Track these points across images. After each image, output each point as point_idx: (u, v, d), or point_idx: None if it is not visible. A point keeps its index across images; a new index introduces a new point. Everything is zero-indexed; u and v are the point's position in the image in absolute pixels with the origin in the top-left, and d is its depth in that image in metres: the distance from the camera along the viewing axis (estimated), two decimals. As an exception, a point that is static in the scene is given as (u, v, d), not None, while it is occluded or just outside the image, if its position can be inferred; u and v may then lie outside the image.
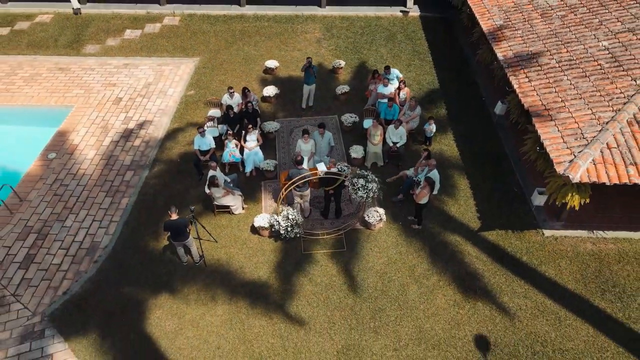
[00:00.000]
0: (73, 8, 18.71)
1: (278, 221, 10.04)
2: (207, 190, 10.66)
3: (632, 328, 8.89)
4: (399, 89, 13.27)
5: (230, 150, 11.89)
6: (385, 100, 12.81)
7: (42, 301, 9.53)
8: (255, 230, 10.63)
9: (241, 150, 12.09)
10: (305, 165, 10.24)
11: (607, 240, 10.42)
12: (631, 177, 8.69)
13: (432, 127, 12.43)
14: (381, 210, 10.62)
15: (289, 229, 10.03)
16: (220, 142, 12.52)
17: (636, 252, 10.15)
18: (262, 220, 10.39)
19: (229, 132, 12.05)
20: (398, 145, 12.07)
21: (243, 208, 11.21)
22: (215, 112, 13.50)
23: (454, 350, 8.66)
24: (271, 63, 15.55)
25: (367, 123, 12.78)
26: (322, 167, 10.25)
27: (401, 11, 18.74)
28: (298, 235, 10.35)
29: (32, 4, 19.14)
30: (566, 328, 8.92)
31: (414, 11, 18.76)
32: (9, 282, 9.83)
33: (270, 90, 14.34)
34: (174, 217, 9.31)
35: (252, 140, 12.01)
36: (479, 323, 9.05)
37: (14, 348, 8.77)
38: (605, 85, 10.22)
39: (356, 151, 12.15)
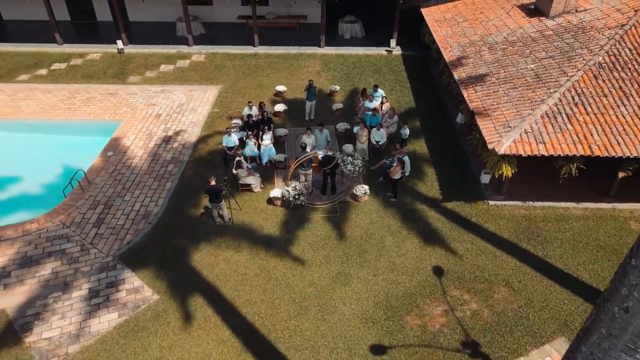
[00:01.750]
0: (118, 48, 22.90)
1: (288, 191, 13.48)
2: (234, 171, 14.15)
3: (547, 261, 12.10)
4: (381, 103, 17.04)
5: (250, 147, 15.45)
6: (371, 112, 16.54)
7: (112, 247, 12.77)
8: (270, 201, 14.03)
9: (258, 147, 15.66)
10: (308, 151, 13.78)
11: (536, 208, 13.80)
12: (540, 151, 12.23)
13: (406, 131, 16.04)
14: (366, 186, 14.07)
15: (296, 196, 13.45)
16: (241, 142, 16.09)
17: (557, 215, 13.49)
18: (275, 192, 13.82)
19: (249, 133, 15.67)
20: (380, 143, 15.70)
21: (261, 187, 14.64)
22: (237, 121, 17.21)
23: (418, 275, 11.83)
24: (280, 88, 19.48)
25: (356, 128, 16.40)
26: (321, 152, 13.80)
27: (386, 50, 22.95)
28: (303, 203, 13.74)
29: (84, 46, 23.37)
30: (500, 262, 12.13)
31: (397, 50, 22.97)
32: (87, 235, 13.10)
33: (280, 107, 18.14)
34: (213, 183, 12.75)
35: (267, 139, 15.62)
36: (437, 259, 12.27)
37: (94, 276, 11.95)
38: (528, 93, 13.96)
39: (348, 148, 15.72)
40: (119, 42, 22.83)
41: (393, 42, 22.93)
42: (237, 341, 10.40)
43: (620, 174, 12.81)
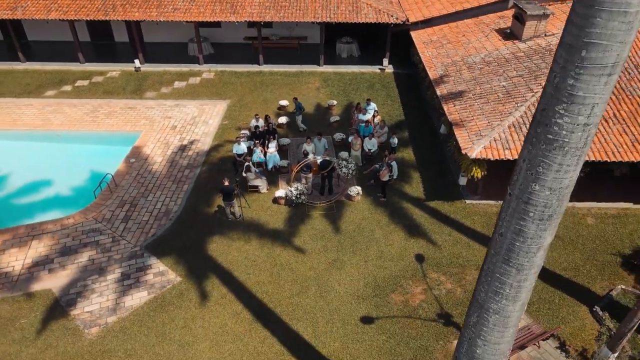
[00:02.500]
0: (135, 67, 25.18)
1: (291, 191, 15.55)
2: (243, 174, 16.24)
3: (514, 250, 14.11)
4: (374, 116, 19.22)
5: (257, 154, 17.55)
6: (364, 124, 18.70)
7: (139, 239, 14.79)
8: (275, 200, 16.09)
9: (264, 154, 17.75)
10: (309, 157, 15.90)
11: (506, 206, 15.84)
12: (506, 155, 14.33)
13: (395, 140, 18.15)
14: (359, 188, 16.15)
15: (298, 195, 15.51)
16: (249, 150, 18.18)
17: (524, 212, 15.54)
18: (280, 193, 15.89)
19: (256, 142, 17.80)
20: (371, 151, 17.83)
21: (267, 189, 16.70)
22: (245, 131, 19.37)
23: (402, 262, 13.84)
24: (283, 102, 21.68)
25: (351, 138, 18.52)
26: (319, 159, 15.91)
27: (379, 69, 25.24)
28: (304, 202, 15.79)
29: (104, 64, 25.64)
30: (472, 250, 14.14)
31: (389, 69, 25.26)
32: (116, 229, 15.13)
33: (283, 119, 20.32)
34: (226, 183, 14.81)
35: (272, 147, 17.75)
36: (419, 248, 14.29)
37: (125, 262, 13.95)
38: (499, 107, 16.12)
39: (343, 155, 17.79)
40: (136, 61, 25.10)
41: (385, 61, 25.22)
42: (248, 314, 12.38)
43: (575, 176, 14.89)
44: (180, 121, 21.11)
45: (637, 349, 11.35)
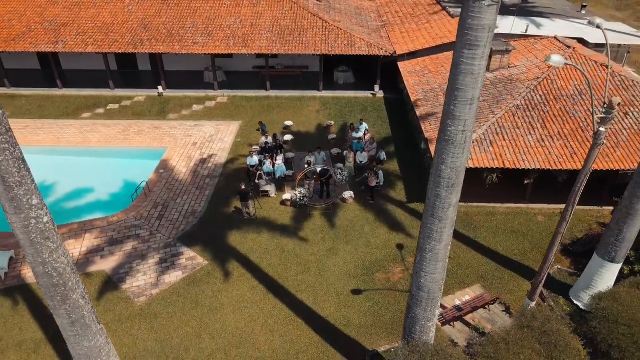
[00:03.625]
0: (158, 92, 28.90)
1: (296, 194, 18.98)
2: (256, 181, 19.68)
3: (476, 241, 17.45)
4: (365, 134, 22.78)
5: (267, 165, 21.02)
6: (356, 140, 22.24)
7: (172, 233, 18.13)
8: (282, 203, 19.49)
9: (273, 166, 21.22)
10: (312, 167, 19.41)
11: (472, 207, 19.24)
12: (469, 164, 17.76)
13: (382, 154, 21.65)
14: (352, 192, 19.59)
15: (301, 198, 18.93)
16: (260, 162, 21.65)
17: (486, 211, 18.94)
18: (286, 196, 19.32)
19: (266, 155, 21.29)
20: (362, 163, 21.33)
21: (275, 194, 20.12)
22: (256, 147, 22.90)
23: (386, 249, 17.16)
24: (288, 123, 25.30)
25: (345, 152, 22.03)
26: (319, 168, 19.42)
27: (371, 94, 28.96)
28: (306, 204, 19.20)
29: (131, 90, 29.36)
30: (443, 241, 17.47)
31: (379, 94, 28.98)
32: (153, 225, 18.48)
33: (288, 137, 23.89)
34: (243, 187, 18.24)
35: (279, 159, 21.25)
36: (400, 240, 17.62)
37: (162, 250, 17.27)
38: (466, 126, 19.64)
39: (338, 166, 21.31)
40: (159, 88, 28.83)
41: (377, 88, 28.97)
42: (263, 288, 15.65)
43: (526, 181, 18.33)
44: (199, 139, 24.65)
45: (560, 309, 14.58)
